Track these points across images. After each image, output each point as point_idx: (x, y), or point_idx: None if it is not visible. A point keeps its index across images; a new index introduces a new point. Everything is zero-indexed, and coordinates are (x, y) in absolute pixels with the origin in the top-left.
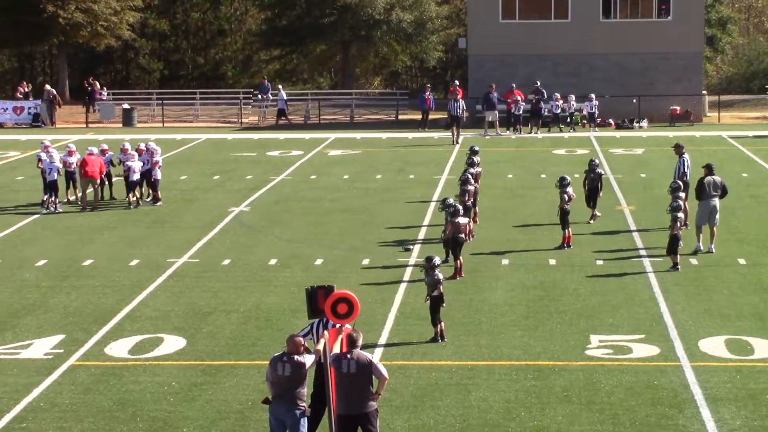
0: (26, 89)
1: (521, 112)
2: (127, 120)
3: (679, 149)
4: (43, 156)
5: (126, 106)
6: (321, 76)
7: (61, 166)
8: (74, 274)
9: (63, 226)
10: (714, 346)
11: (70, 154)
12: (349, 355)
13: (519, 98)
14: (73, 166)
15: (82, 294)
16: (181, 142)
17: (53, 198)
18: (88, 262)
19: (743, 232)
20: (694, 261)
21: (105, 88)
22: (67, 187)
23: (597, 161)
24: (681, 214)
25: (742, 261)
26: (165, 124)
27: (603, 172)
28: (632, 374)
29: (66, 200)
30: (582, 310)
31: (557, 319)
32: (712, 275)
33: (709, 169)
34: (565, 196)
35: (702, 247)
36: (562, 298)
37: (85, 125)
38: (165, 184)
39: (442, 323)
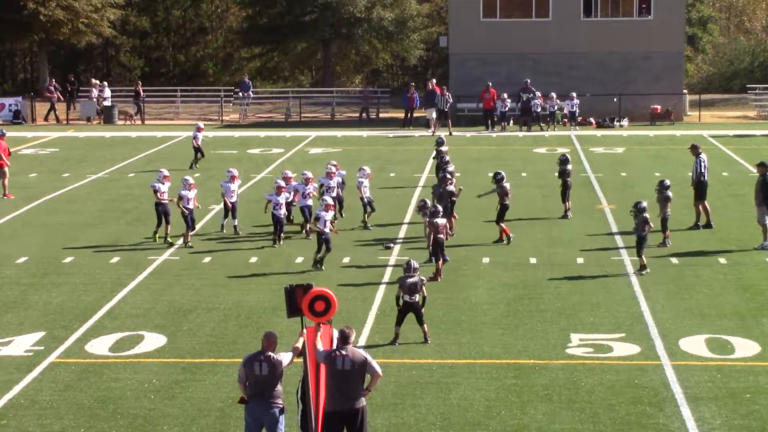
0: (55, 86)
1: (507, 109)
2: (108, 117)
3: (695, 150)
4: None
5: (107, 103)
6: (302, 73)
7: None
8: (55, 272)
9: (43, 223)
10: (694, 345)
11: (189, 187)
12: (343, 352)
13: (504, 95)
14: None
15: (62, 291)
16: (162, 139)
17: None
18: (68, 260)
19: (724, 232)
20: (674, 260)
21: (106, 83)
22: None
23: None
24: (648, 215)
25: (722, 260)
26: (146, 122)
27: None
28: (613, 373)
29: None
30: (562, 309)
31: (538, 317)
32: (692, 274)
33: (765, 167)
34: (503, 191)
35: None
36: (543, 296)
37: (65, 122)
38: (146, 182)
39: (426, 325)
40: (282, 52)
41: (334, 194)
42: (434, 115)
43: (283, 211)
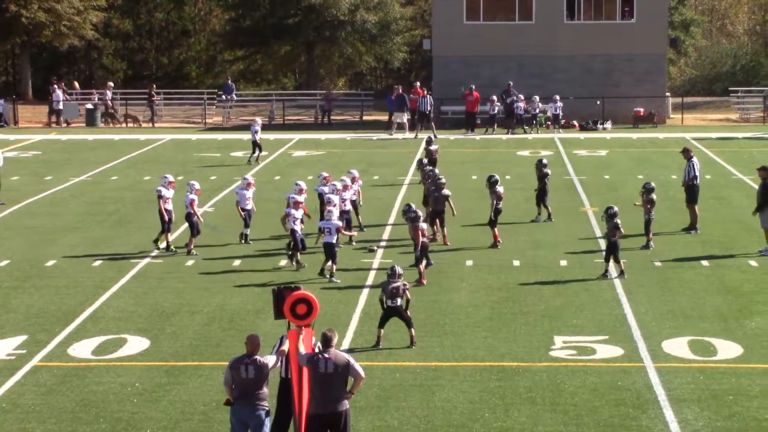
0: (64, 88)
1: (496, 112)
2: (90, 120)
3: (687, 153)
4: None
5: (89, 105)
6: (285, 76)
7: None
8: (37, 275)
9: (25, 226)
10: (677, 347)
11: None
12: (326, 355)
13: (494, 98)
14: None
15: (45, 294)
16: (145, 142)
17: None
18: (51, 263)
19: (706, 234)
20: (657, 263)
21: (111, 85)
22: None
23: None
24: (618, 221)
25: (705, 263)
26: (128, 124)
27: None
28: (596, 375)
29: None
30: (546, 311)
31: (521, 320)
32: (675, 277)
33: (767, 171)
34: (495, 197)
35: None
36: (526, 299)
37: (48, 125)
38: (129, 185)
39: (413, 329)
40: (265, 55)
41: (347, 207)
42: (404, 119)
43: (299, 227)
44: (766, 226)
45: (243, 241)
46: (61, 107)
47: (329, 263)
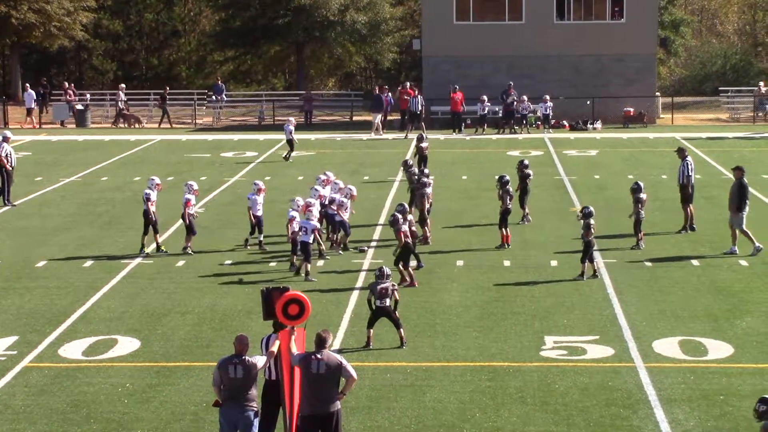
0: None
1: (486, 112)
2: (81, 120)
3: (681, 153)
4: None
5: (80, 106)
6: (275, 77)
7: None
8: (28, 276)
9: (16, 226)
10: (668, 347)
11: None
12: (318, 356)
13: (484, 98)
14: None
15: (35, 295)
16: (135, 143)
17: None
18: (41, 263)
19: (697, 234)
20: (648, 263)
21: (123, 86)
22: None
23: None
24: (593, 221)
25: (695, 262)
26: (119, 125)
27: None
28: (586, 375)
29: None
30: (536, 312)
31: (512, 320)
32: (665, 276)
33: (742, 172)
34: (508, 197)
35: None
36: (517, 299)
37: (38, 125)
38: (120, 185)
39: (402, 329)
40: (255, 55)
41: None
42: (377, 119)
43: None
44: (742, 228)
45: (259, 248)
46: (32, 106)
47: (306, 263)
